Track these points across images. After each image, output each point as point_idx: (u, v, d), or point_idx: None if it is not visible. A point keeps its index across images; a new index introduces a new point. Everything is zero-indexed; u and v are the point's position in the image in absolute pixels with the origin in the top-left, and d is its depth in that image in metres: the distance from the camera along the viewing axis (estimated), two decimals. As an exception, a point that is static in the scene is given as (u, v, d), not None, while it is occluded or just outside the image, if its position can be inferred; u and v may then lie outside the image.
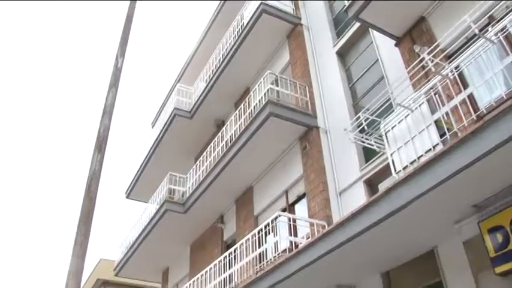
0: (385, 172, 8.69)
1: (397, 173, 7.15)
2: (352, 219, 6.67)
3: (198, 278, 11.67)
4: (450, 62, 7.32)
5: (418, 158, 6.86)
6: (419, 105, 7.20)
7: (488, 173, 5.51)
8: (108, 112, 6.82)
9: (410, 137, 7.16)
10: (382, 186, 8.07)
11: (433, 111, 7.02)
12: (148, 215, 16.07)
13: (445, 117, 6.83)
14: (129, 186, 20.52)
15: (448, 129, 6.66)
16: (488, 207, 6.16)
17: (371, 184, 9.39)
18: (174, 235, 15.91)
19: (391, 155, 7.45)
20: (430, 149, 6.70)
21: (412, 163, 6.90)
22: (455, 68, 7.05)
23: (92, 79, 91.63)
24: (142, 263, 18.17)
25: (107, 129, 6.56)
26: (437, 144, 6.65)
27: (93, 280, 28.31)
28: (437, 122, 6.88)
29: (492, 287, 6.02)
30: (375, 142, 8.47)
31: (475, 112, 6.66)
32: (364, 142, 8.70)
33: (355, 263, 7.87)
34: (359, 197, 9.15)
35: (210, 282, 10.95)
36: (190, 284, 12.08)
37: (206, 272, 11.25)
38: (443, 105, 6.94)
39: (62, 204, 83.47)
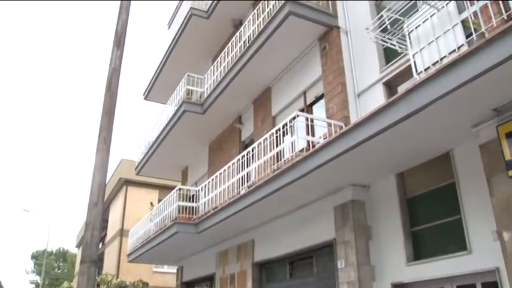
0: (405, 74, 8.56)
1: (418, 74, 7.03)
2: (370, 119, 6.70)
3: (216, 176, 12.05)
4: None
5: (441, 59, 6.70)
6: (446, 4, 6.90)
7: (512, 76, 5.40)
8: (125, 8, 6.70)
9: (435, 38, 6.95)
10: (402, 88, 8.01)
11: (460, 11, 6.74)
12: (167, 116, 16.26)
13: (473, 17, 6.56)
14: (147, 87, 20.62)
15: (475, 29, 6.41)
16: (508, 112, 6.12)
17: (390, 86, 9.29)
18: (193, 135, 16.22)
19: (413, 55, 7.28)
20: (455, 50, 6.53)
21: (434, 64, 6.77)
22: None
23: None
24: (162, 162, 18.78)
25: (124, 24, 6.47)
26: (463, 45, 6.46)
27: (116, 179, 29.47)
28: (464, 22, 6.62)
29: (504, 189, 6.12)
30: (397, 42, 8.24)
31: (506, 12, 6.37)
32: (386, 42, 8.47)
33: (371, 163, 8.02)
34: (378, 99, 9.08)
35: (228, 180, 11.32)
36: (209, 182, 12.51)
37: (224, 170, 11.59)
38: (472, 4, 6.64)
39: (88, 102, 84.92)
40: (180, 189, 13.53)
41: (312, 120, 9.50)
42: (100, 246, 33.13)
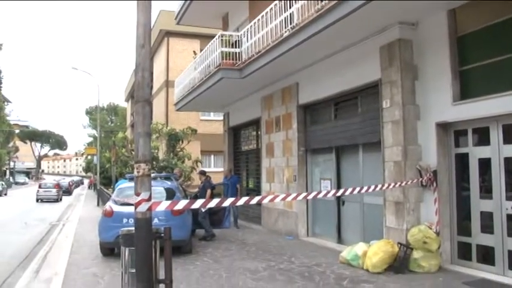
0: None
1: None
2: None
3: (258, 19, 11.74)
4: None
5: None
6: None
7: None
8: None
9: None
10: None
11: None
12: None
13: None
14: None
15: None
16: None
17: None
18: (231, -21, 15.58)
19: None
20: None
21: None
22: None
23: None
24: (202, 9, 18.36)
25: None
26: None
27: (156, 32, 29.29)
28: None
29: None
30: None
31: None
32: None
33: (421, -3, 7.58)
34: None
35: (270, 23, 11.04)
36: (251, 26, 12.27)
37: (266, 13, 11.24)
38: None
39: None
40: (222, 35, 13.38)
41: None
42: (147, 96, 34.25)
